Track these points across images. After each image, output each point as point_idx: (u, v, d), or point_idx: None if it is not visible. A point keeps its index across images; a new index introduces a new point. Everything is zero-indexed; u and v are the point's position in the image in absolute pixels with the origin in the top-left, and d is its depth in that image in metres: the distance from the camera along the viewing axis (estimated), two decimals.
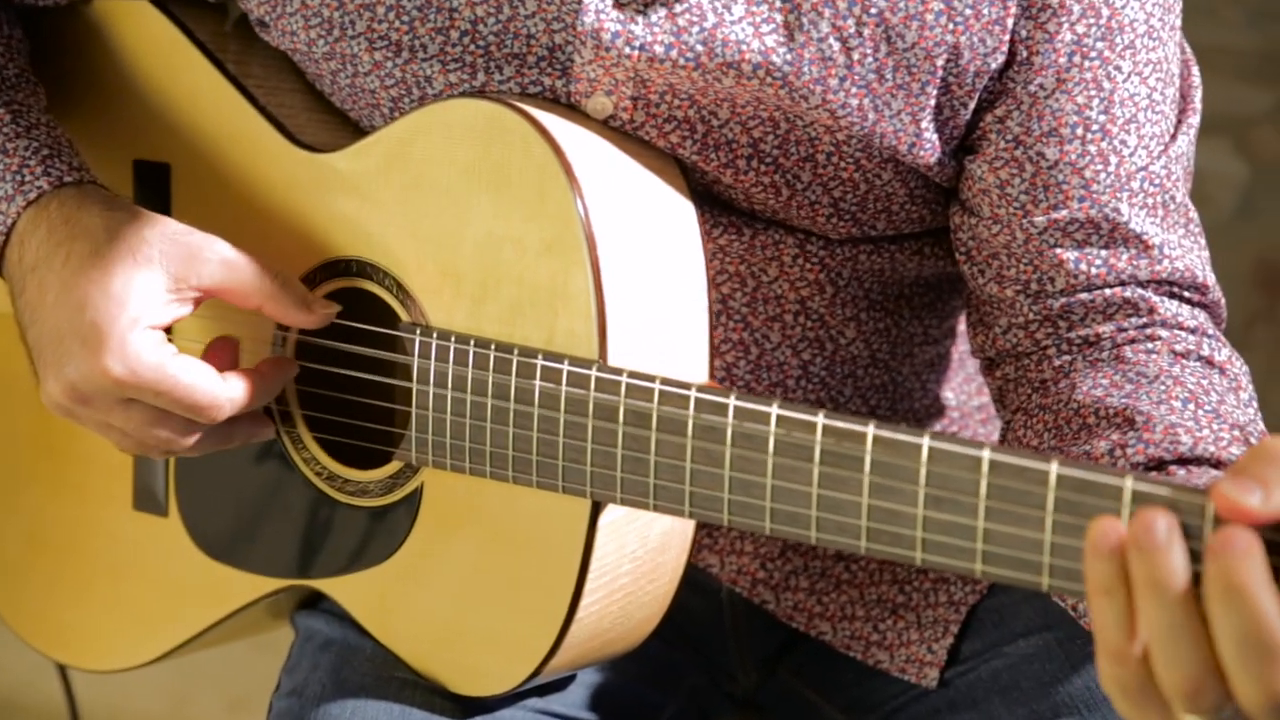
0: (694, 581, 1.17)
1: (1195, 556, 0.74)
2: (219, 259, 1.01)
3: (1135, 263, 1.03)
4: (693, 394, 0.92)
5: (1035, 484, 0.81)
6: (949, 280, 1.18)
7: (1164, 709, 0.74)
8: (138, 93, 1.13)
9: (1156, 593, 0.72)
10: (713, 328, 1.08)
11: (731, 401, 0.91)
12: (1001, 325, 1.06)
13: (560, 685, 1.10)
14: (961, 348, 1.22)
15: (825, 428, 0.87)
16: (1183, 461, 0.93)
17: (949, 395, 1.22)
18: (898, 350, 1.17)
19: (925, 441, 0.84)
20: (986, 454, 0.82)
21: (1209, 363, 1.01)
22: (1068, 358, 1.04)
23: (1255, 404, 1.01)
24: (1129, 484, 0.78)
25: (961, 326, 1.21)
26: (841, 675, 1.17)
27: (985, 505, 0.82)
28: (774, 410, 0.89)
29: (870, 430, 0.86)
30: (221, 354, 1.05)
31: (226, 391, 1.00)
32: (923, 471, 0.84)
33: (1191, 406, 0.96)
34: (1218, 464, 0.92)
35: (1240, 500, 0.72)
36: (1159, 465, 0.94)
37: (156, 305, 0.99)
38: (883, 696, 1.14)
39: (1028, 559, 0.82)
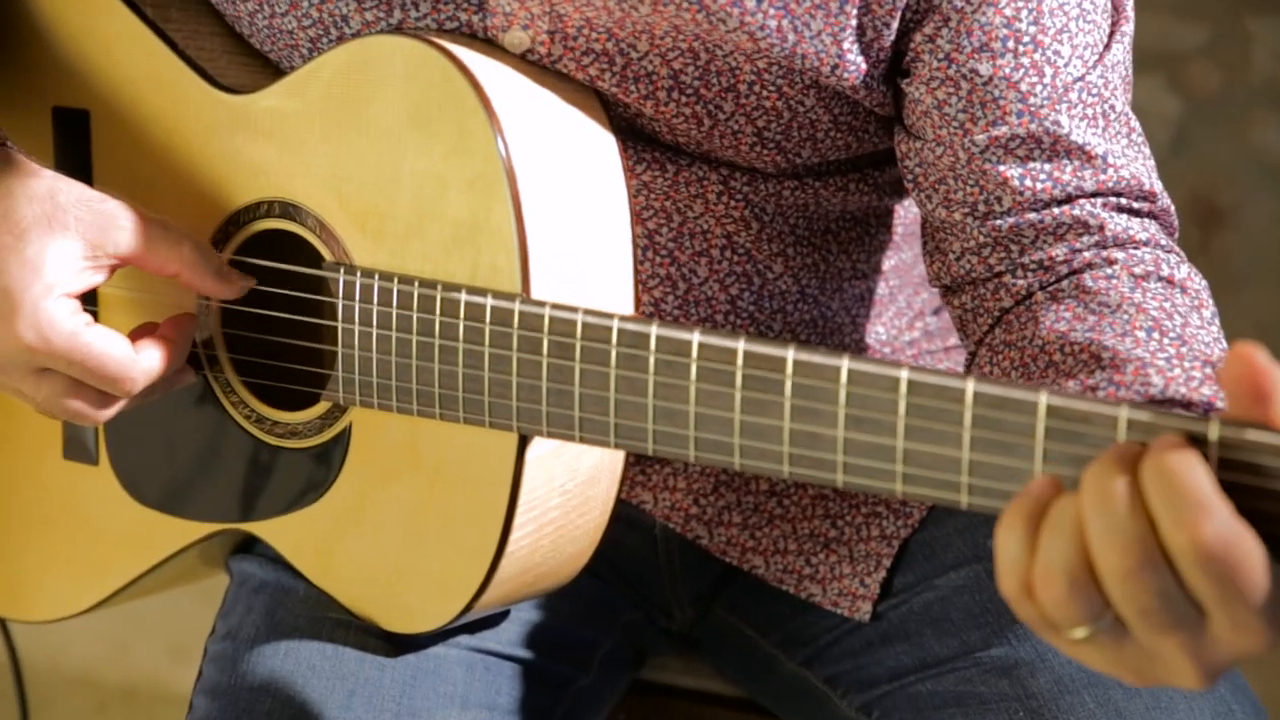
0: (628, 518, 1.17)
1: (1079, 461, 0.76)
2: (135, 226, 0.99)
3: (1080, 174, 1.03)
4: (615, 324, 0.92)
5: (952, 402, 0.81)
6: (875, 215, 1.18)
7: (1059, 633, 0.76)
8: (56, 39, 1.12)
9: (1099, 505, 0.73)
10: (637, 261, 1.08)
11: (654, 331, 0.91)
12: (955, 251, 1.06)
13: (493, 622, 1.10)
14: (892, 283, 1.23)
15: (746, 353, 0.87)
16: (1154, 403, 0.92)
17: (880, 330, 1.22)
18: (826, 285, 1.17)
19: (844, 363, 0.84)
20: (904, 374, 0.83)
21: (1169, 282, 1.01)
22: (1024, 283, 1.03)
23: (1217, 320, 1.00)
24: (1044, 399, 0.79)
25: (890, 262, 1.22)
26: (776, 610, 1.17)
27: (904, 425, 0.83)
28: (695, 338, 0.89)
29: (790, 354, 0.86)
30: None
31: (140, 363, 0.99)
32: (842, 393, 0.84)
33: (1156, 335, 0.95)
34: (1188, 404, 0.92)
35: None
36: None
37: (71, 273, 0.98)
38: (817, 630, 1.15)
39: (946, 478, 0.82)
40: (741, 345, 0.88)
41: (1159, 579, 0.72)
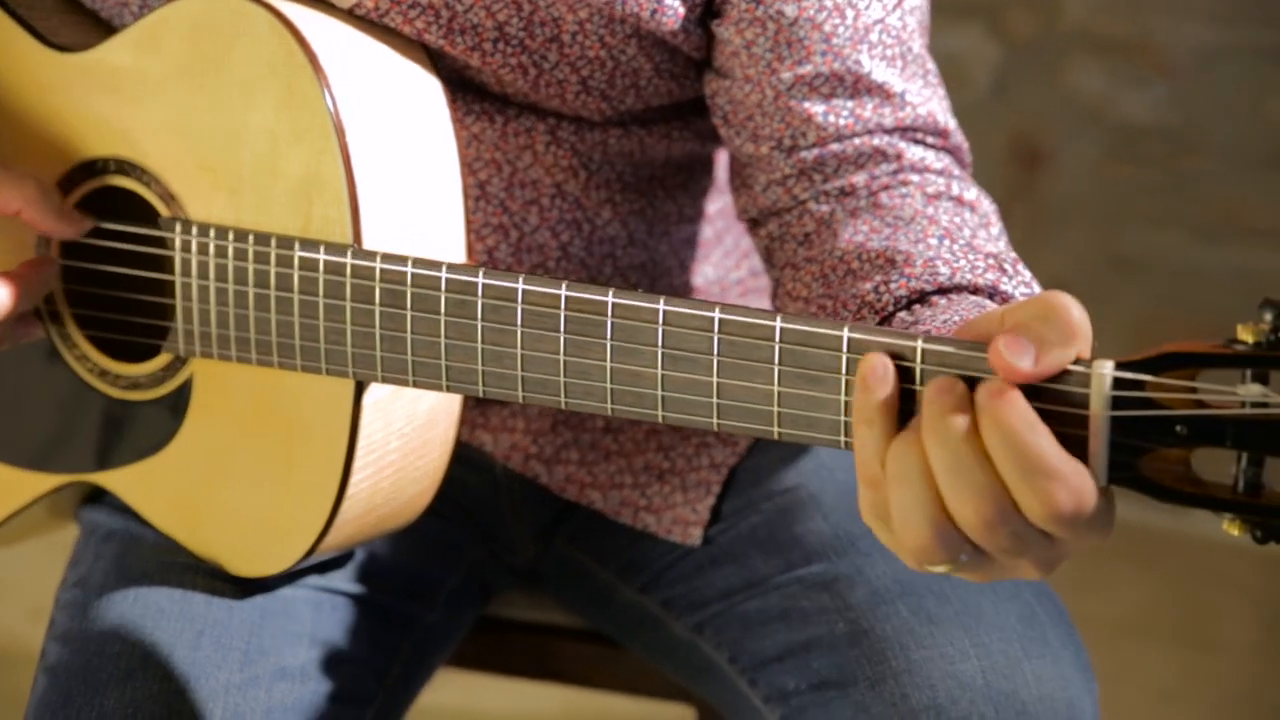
0: (468, 460, 1.22)
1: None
2: None
3: (880, 111, 1.09)
4: (443, 273, 0.96)
5: (762, 339, 0.87)
6: (699, 162, 1.23)
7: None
8: None
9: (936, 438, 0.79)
10: (470, 211, 1.12)
11: (480, 278, 0.95)
12: (761, 183, 1.11)
13: (340, 563, 1.14)
14: (719, 225, 1.28)
15: (568, 297, 0.92)
16: (942, 291, 0.98)
17: (709, 270, 1.27)
18: (654, 229, 1.22)
19: (660, 305, 0.89)
20: (717, 313, 0.88)
21: (959, 201, 1.07)
22: (826, 208, 1.09)
23: (1005, 237, 1.06)
24: (846, 333, 0.84)
25: (716, 205, 1.27)
26: (614, 541, 1.22)
27: (718, 361, 0.88)
28: (520, 284, 0.93)
29: (610, 297, 0.90)
30: None
31: None
32: (659, 332, 0.89)
33: (947, 242, 1.01)
34: (975, 290, 0.98)
35: (1013, 364, 0.78)
36: (921, 297, 0.98)
37: None
38: (652, 557, 1.20)
39: (760, 409, 0.88)
40: (564, 290, 0.92)
41: (1015, 523, 0.79)
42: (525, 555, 1.27)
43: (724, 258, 1.28)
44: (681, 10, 1.07)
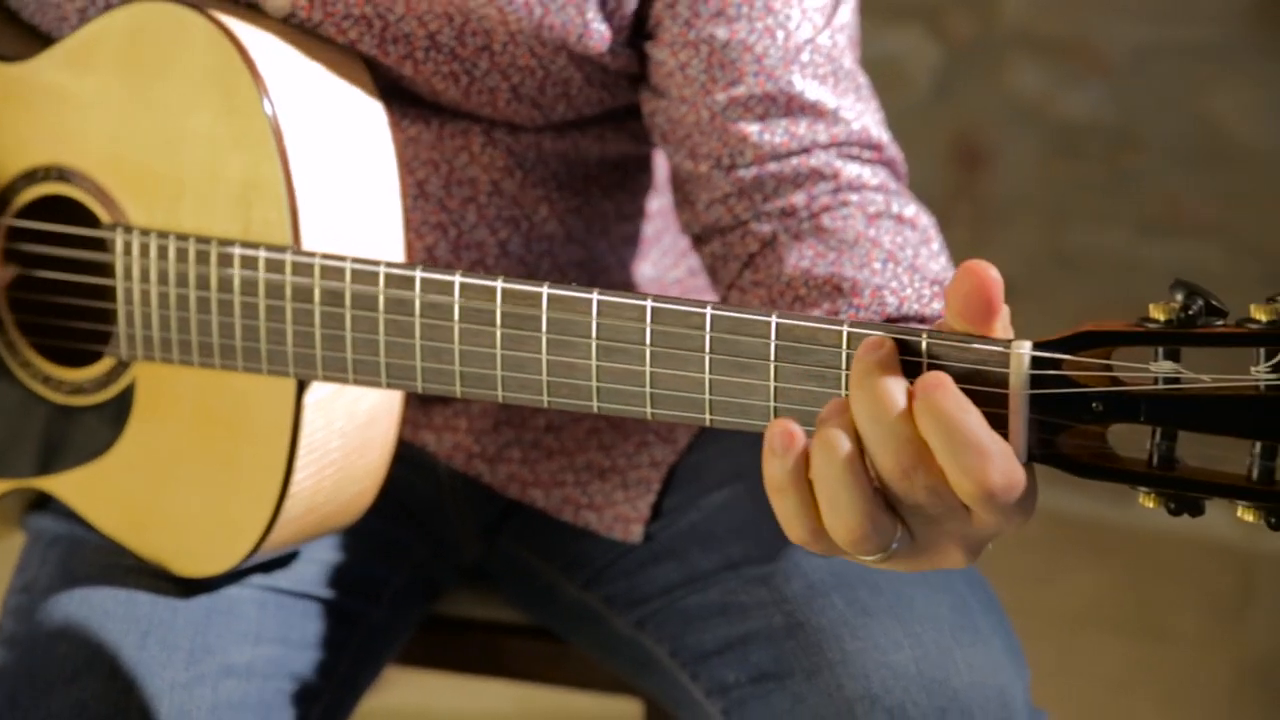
0: (411, 459, 1.23)
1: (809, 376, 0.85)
2: None
3: (814, 128, 1.11)
4: (381, 270, 0.97)
5: (694, 327, 0.88)
6: (635, 161, 1.25)
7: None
8: None
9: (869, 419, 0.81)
10: (408, 210, 1.13)
11: (418, 274, 0.96)
12: (703, 201, 1.13)
13: (285, 562, 1.15)
14: (658, 224, 1.29)
15: (504, 291, 0.93)
16: (890, 320, 1.01)
17: (647, 269, 1.29)
18: (592, 227, 1.23)
19: (594, 296, 0.91)
20: (649, 303, 0.89)
21: (900, 220, 1.09)
22: (768, 228, 1.11)
23: (945, 252, 1.09)
24: (774, 319, 0.86)
25: (653, 205, 1.29)
26: (557, 538, 1.24)
27: (651, 351, 0.90)
28: (456, 279, 0.95)
29: (544, 290, 0.92)
30: None
31: None
32: (594, 324, 0.91)
33: (891, 265, 1.03)
34: (921, 320, 1.01)
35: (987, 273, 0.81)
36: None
37: None
38: (594, 554, 1.22)
39: (692, 398, 0.89)
40: (500, 284, 0.94)
41: (933, 474, 0.81)
42: (470, 553, 1.29)
43: (662, 256, 1.30)
44: (609, 34, 1.09)
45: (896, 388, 0.81)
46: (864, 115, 1.12)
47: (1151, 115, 2.38)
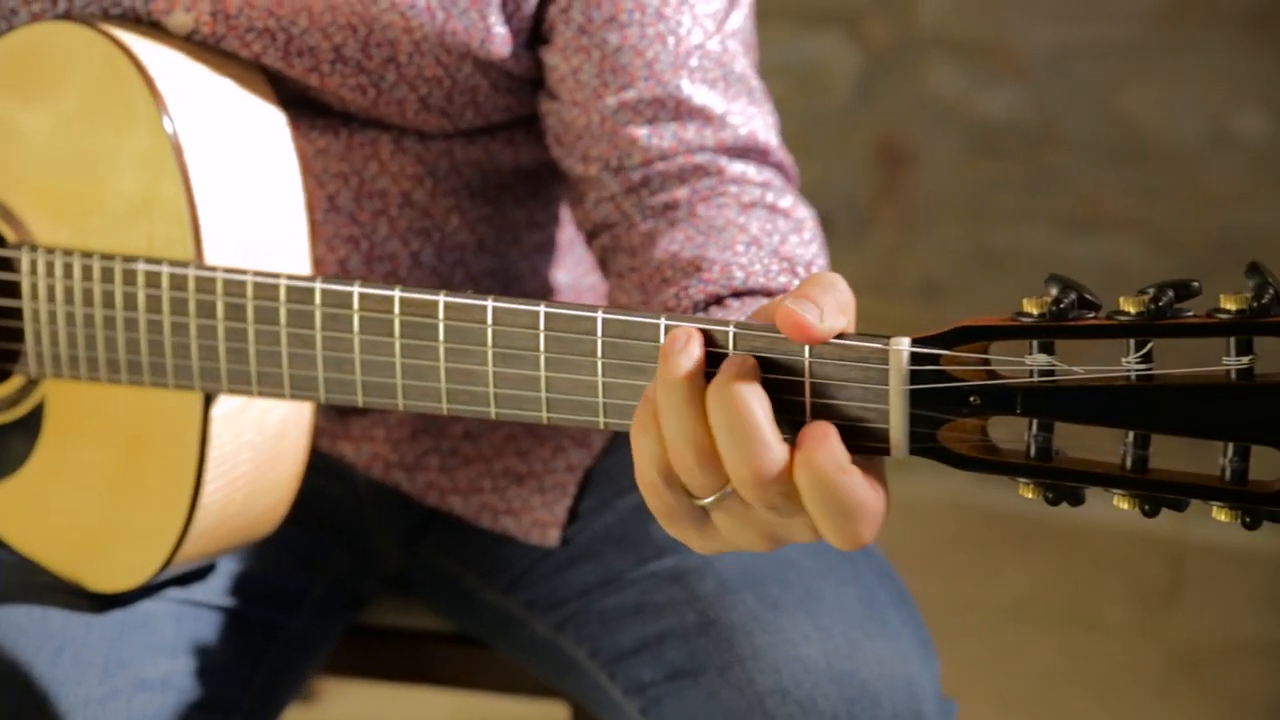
0: (329, 470, 1.24)
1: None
2: None
3: (702, 133, 1.12)
4: (282, 283, 0.99)
5: (585, 332, 0.90)
6: (547, 168, 1.26)
7: (691, 511, 0.85)
8: None
9: (668, 392, 0.82)
10: (318, 223, 1.15)
11: (317, 286, 0.97)
12: (591, 200, 1.15)
13: (201, 575, 1.16)
14: (570, 232, 1.31)
15: (402, 300, 0.95)
16: (737, 294, 1.02)
17: (562, 276, 1.31)
18: (504, 236, 1.25)
19: (489, 304, 0.92)
20: (542, 309, 0.91)
21: (773, 209, 1.10)
22: (651, 223, 1.12)
23: (818, 243, 1.10)
24: (663, 321, 0.88)
25: (567, 212, 1.30)
26: (477, 544, 1.25)
27: (545, 356, 0.91)
28: (355, 290, 0.96)
29: (441, 299, 0.93)
30: None
31: None
32: (489, 331, 0.92)
33: (754, 249, 1.04)
34: (768, 294, 1.01)
35: (802, 315, 0.82)
36: (717, 300, 1.02)
37: None
38: (513, 559, 1.23)
39: (586, 401, 0.91)
40: (398, 293, 0.95)
41: (788, 483, 0.82)
42: (392, 562, 1.30)
43: (576, 264, 1.31)
44: (509, 38, 1.11)
45: (758, 403, 0.82)
46: (753, 120, 1.14)
47: (1069, 114, 2.41)
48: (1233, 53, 2.38)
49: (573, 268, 1.31)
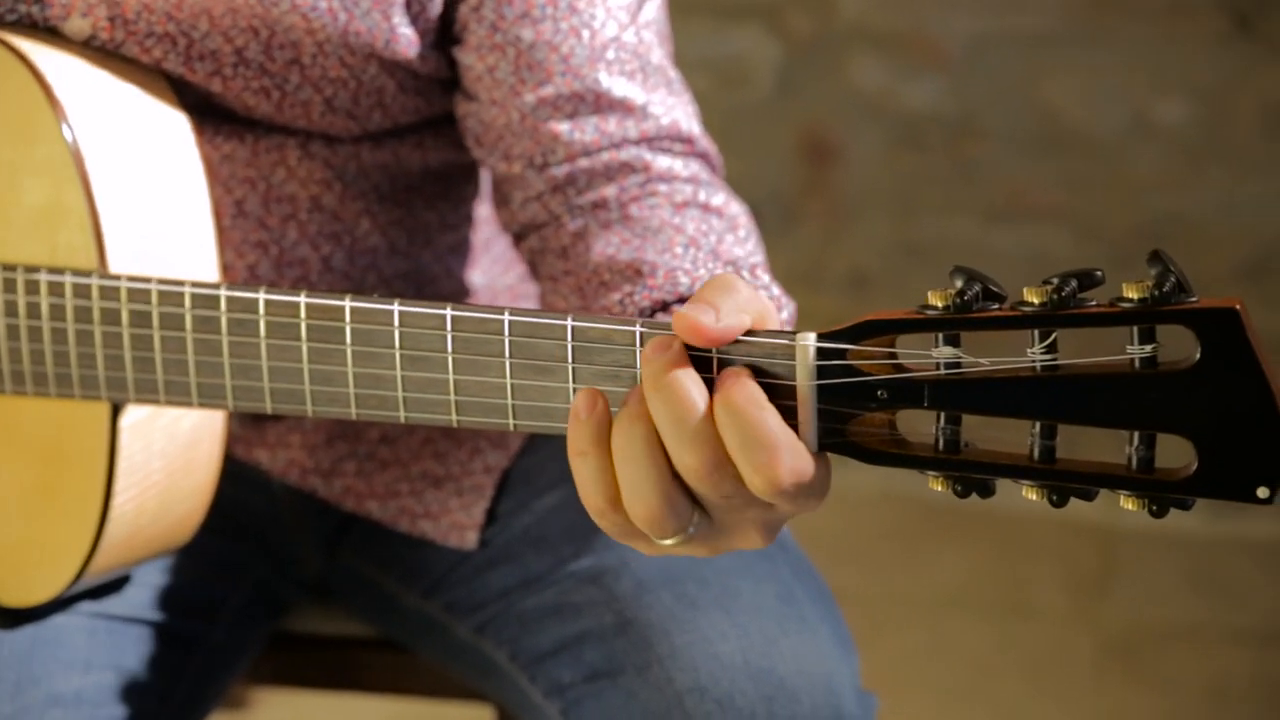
0: (245, 478, 1.23)
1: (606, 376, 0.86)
2: None
3: (624, 124, 1.11)
4: (186, 290, 0.97)
5: (492, 333, 0.89)
6: (459, 170, 1.25)
7: (646, 540, 0.85)
8: None
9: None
10: (226, 229, 1.13)
11: (222, 293, 0.96)
12: (518, 200, 1.14)
13: (116, 587, 1.14)
14: (486, 232, 1.30)
15: (308, 305, 0.94)
16: (682, 300, 1.02)
17: (477, 277, 1.30)
18: (416, 238, 1.24)
19: (395, 307, 0.91)
20: (449, 311, 0.90)
21: (706, 208, 1.10)
22: (581, 222, 1.11)
23: (754, 238, 1.10)
24: (570, 322, 0.87)
25: (481, 212, 1.29)
26: (395, 549, 1.24)
27: (453, 359, 0.90)
28: (260, 296, 0.95)
29: (347, 304, 0.92)
30: None
31: None
32: (397, 334, 0.91)
33: (693, 250, 1.04)
34: None
35: (697, 319, 0.82)
36: (663, 307, 1.02)
37: None
38: (432, 563, 1.22)
39: (496, 403, 0.90)
40: (303, 299, 0.94)
41: (730, 473, 0.82)
42: (311, 569, 1.29)
43: (492, 264, 1.31)
44: (416, 39, 1.10)
45: (695, 388, 0.82)
46: (674, 110, 1.14)
47: (991, 105, 2.42)
48: (1152, 42, 2.40)
49: (488, 268, 1.30)
